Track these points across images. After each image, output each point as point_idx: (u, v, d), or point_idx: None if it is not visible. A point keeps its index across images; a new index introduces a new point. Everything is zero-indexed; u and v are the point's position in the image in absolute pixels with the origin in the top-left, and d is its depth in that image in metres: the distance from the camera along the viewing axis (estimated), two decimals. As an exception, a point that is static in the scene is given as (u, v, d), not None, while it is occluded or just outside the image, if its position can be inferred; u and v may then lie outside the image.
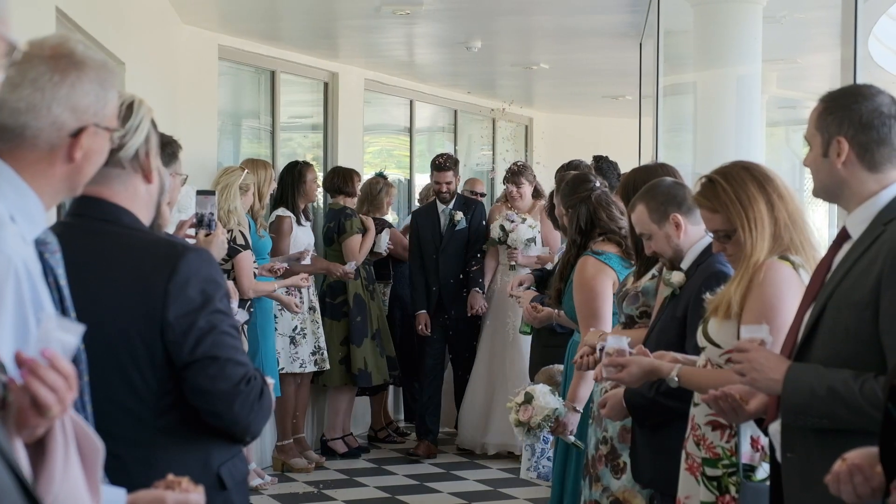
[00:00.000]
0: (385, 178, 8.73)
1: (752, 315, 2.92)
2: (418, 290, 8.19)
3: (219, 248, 3.51)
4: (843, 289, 2.45)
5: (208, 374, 2.23)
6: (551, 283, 5.10)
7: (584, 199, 4.52)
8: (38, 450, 1.63)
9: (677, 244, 3.50)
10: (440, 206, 8.21)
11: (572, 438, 4.44)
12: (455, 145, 13.32)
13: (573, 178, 4.72)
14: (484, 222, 8.18)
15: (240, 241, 6.27)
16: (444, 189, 8.18)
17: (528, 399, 4.46)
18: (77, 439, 1.68)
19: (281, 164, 8.91)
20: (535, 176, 8.18)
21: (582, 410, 4.43)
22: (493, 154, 14.43)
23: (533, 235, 7.66)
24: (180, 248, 2.28)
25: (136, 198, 2.31)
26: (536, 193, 8.05)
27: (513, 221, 7.71)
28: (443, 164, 8.20)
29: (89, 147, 1.85)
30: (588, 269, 4.39)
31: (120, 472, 2.11)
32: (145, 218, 2.36)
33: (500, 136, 13.98)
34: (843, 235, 2.59)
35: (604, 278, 4.32)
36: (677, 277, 3.44)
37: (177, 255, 2.24)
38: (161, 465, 2.20)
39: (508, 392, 7.14)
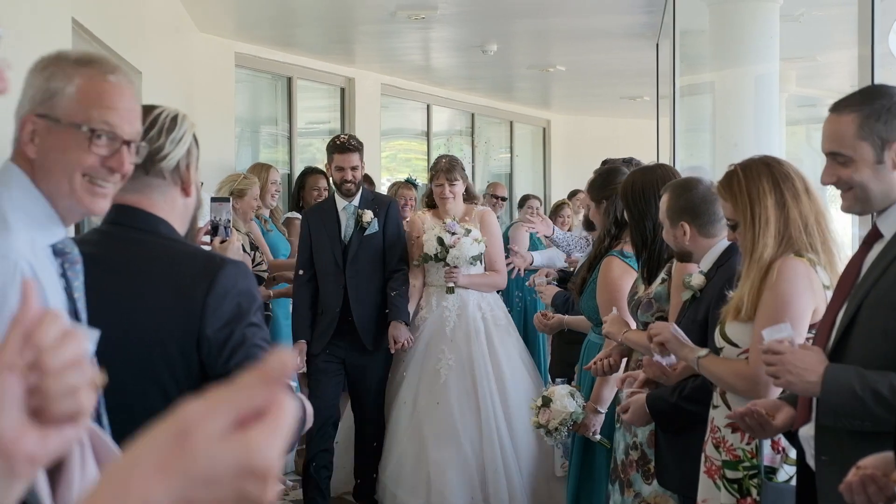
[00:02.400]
0: (412, 183, 8.49)
1: (767, 311, 2.90)
2: (301, 314, 5.95)
3: (234, 255, 3.50)
4: (879, 289, 2.40)
5: None
6: (577, 273, 5.04)
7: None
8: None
9: (683, 246, 3.50)
10: (340, 203, 5.95)
11: (598, 437, 4.42)
12: (473, 149, 13.33)
13: (605, 171, 4.64)
14: (399, 225, 6.10)
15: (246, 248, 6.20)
16: (350, 177, 5.86)
17: (546, 402, 4.43)
18: (93, 446, 1.68)
19: (298, 169, 8.95)
20: (466, 174, 6.32)
21: (605, 411, 4.41)
22: (511, 157, 14.44)
23: (479, 252, 5.98)
24: (218, 261, 2.28)
25: (173, 210, 2.31)
26: (469, 196, 6.22)
27: (454, 233, 5.91)
28: (345, 143, 5.92)
29: (41, 143, 1.82)
30: (613, 270, 4.36)
31: None
32: (181, 230, 2.35)
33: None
34: (874, 235, 2.54)
35: (628, 280, 4.28)
36: (697, 280, 3.42)
37: (215, 269, 2.24)
38: None
39: (447, 446, 5.76)
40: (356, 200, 5.93)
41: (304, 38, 9.39)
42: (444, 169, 6.06)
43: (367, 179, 7.74)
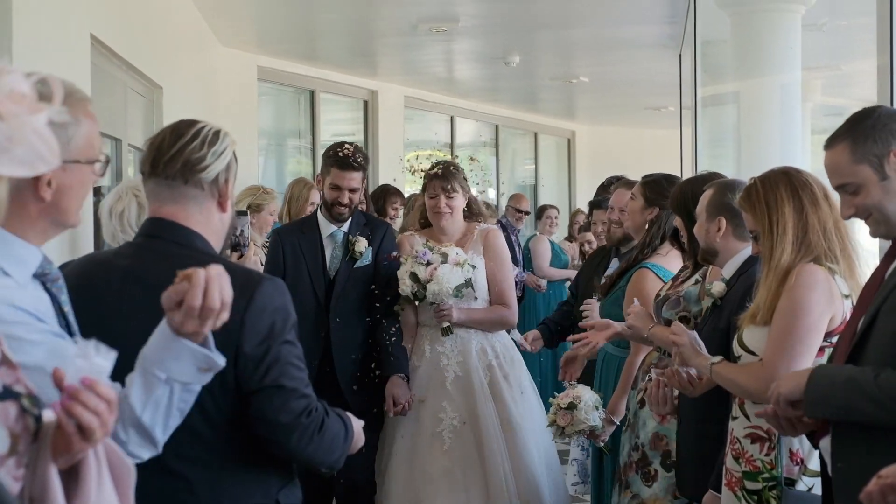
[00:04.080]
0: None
1: (783, 315, 2.90)
2: None
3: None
4: (895, 296, 2.42)
5: (273, 404, 2.24)
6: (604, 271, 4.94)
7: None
8: (72, 474, 1.63)
9: (712, 243, 3.49)
10: (326, 227, 4.73)
11: (601, 444, 4.42)
12: (497, 160, 13.33)
13: (670, 181, 4.52)
14: (395, 254, 4.75)
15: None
16: (346, 199, 4.64)
17: (571, 407, 4.28)
18: (109, 462, 1.69)
19: (323, 182, 8.97)
20: (467, 184, 4.94)
21: (619, 422, 4.38)
22: (536, 168, 14.43)
23: (465, 277, 4.59)
24: (256, 278, 2.26)
25: (209, 224, 2.31)
26: (471, 212, 4.89)
27: (428, 263, 4.56)
28: (348, 158, 4.63)
29: (60, 183, 1.84)
30: (648, 283, 4.28)
31: (186, 493, 2.20)
32: (216, 246, 2.35)
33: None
34: (895, 250, 2.55)
35: None
36: (718, 287, 3.42)
37: (254, 285, 2.22)
38: (226, 488, 2.25)
39: None
40: (346, 226, 4.70)
41: (326, 52, 9.44)
42: (439, 176, 4.73)
43: (398, 193, 7.58)
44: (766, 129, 6.55)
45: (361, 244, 4.66)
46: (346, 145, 4.68)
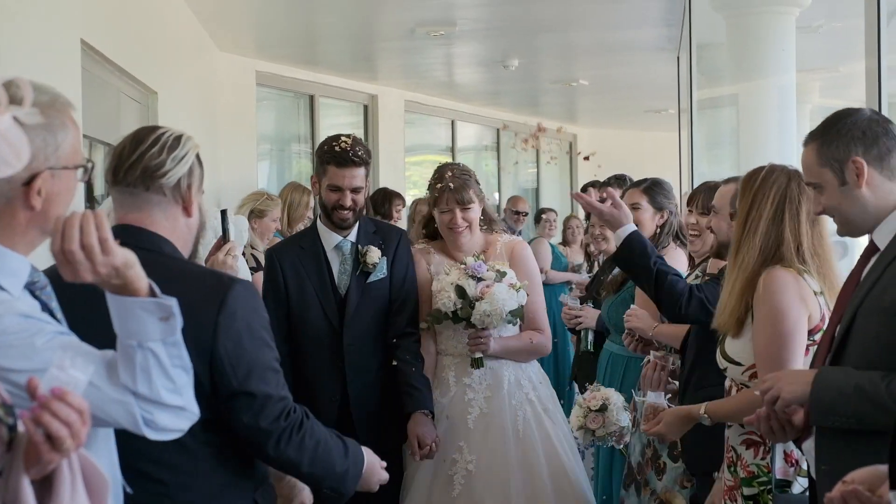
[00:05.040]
0: None
1: (761, 327, 2.90)
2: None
3: (221, 269, 3.42)
4: (872, 296, 2.42)
5: (252, 409, 2.25)
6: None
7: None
8: (45, 485, 1.62)
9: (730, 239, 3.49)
10: (329, 237, 4.01)
11: (622, 446, 4.38)
12: (499, 164, 13.32)
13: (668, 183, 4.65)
14: (410, 268, 4.06)
15: (250, 263, 6.10)
16: (349, 202, 3.90)
17: (603, 409, 3.94)
18: (84, 473, 1.68)
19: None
20: (482, 190, 4.18)
21: None
22: (538, 172, 14.42)
23: (520, 304, 3.94)
24: (227, 280, 2.26)
25: (175, 229, 2.30)
26: (487, 220, 4.18)
27: (480, 279, 3.92)
28: (346, 153, 3.86)
29: (49, 191, 1.83)
30: None
31: (163, 497, 2.22)
32: (184, 251, 2.34)
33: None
34: (871, 248, 2.57)
35: None
36: None
37: (225, 288, 2.23)
38: (202, 490, 2.26)
39: None
40: (353, 234, 3.99)
41: (325, 56, 9.44)
42: (452, 188, 4.00)
43: (399, 196, 7.49)
44: (764, 131, 6.56)
45: (374, 255, 3.96)
46: (343, 137, 3.93)
